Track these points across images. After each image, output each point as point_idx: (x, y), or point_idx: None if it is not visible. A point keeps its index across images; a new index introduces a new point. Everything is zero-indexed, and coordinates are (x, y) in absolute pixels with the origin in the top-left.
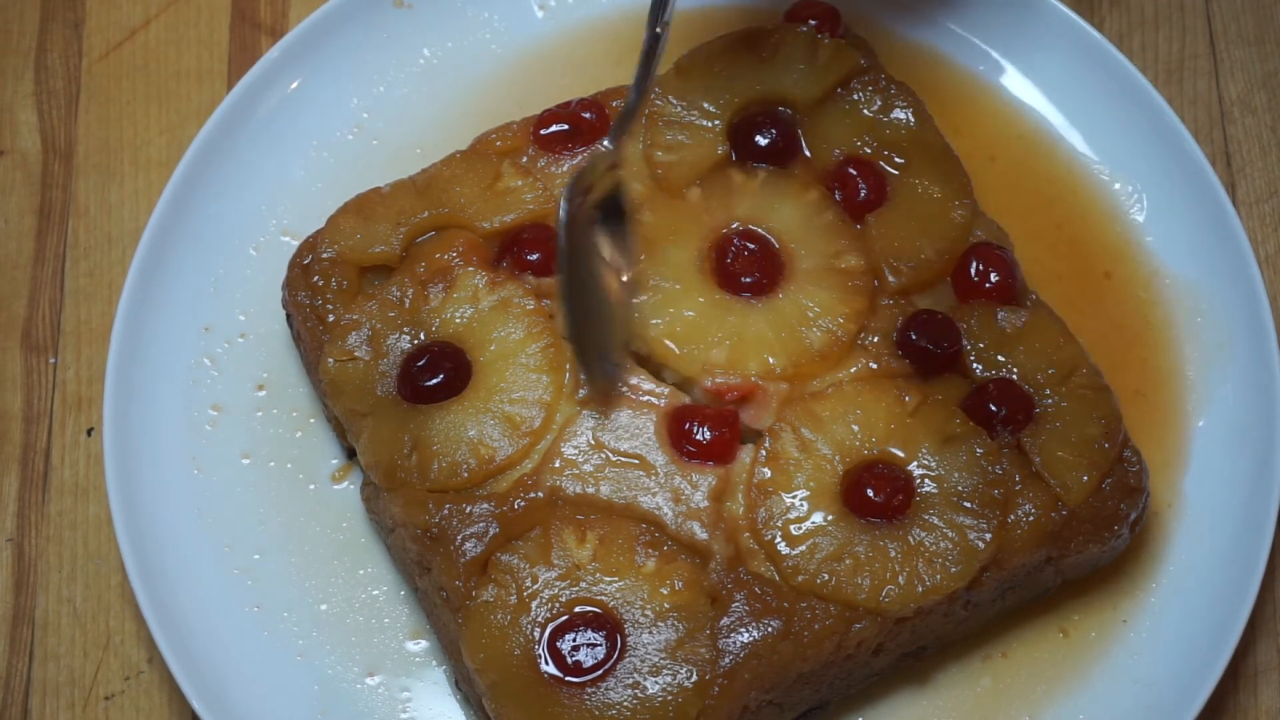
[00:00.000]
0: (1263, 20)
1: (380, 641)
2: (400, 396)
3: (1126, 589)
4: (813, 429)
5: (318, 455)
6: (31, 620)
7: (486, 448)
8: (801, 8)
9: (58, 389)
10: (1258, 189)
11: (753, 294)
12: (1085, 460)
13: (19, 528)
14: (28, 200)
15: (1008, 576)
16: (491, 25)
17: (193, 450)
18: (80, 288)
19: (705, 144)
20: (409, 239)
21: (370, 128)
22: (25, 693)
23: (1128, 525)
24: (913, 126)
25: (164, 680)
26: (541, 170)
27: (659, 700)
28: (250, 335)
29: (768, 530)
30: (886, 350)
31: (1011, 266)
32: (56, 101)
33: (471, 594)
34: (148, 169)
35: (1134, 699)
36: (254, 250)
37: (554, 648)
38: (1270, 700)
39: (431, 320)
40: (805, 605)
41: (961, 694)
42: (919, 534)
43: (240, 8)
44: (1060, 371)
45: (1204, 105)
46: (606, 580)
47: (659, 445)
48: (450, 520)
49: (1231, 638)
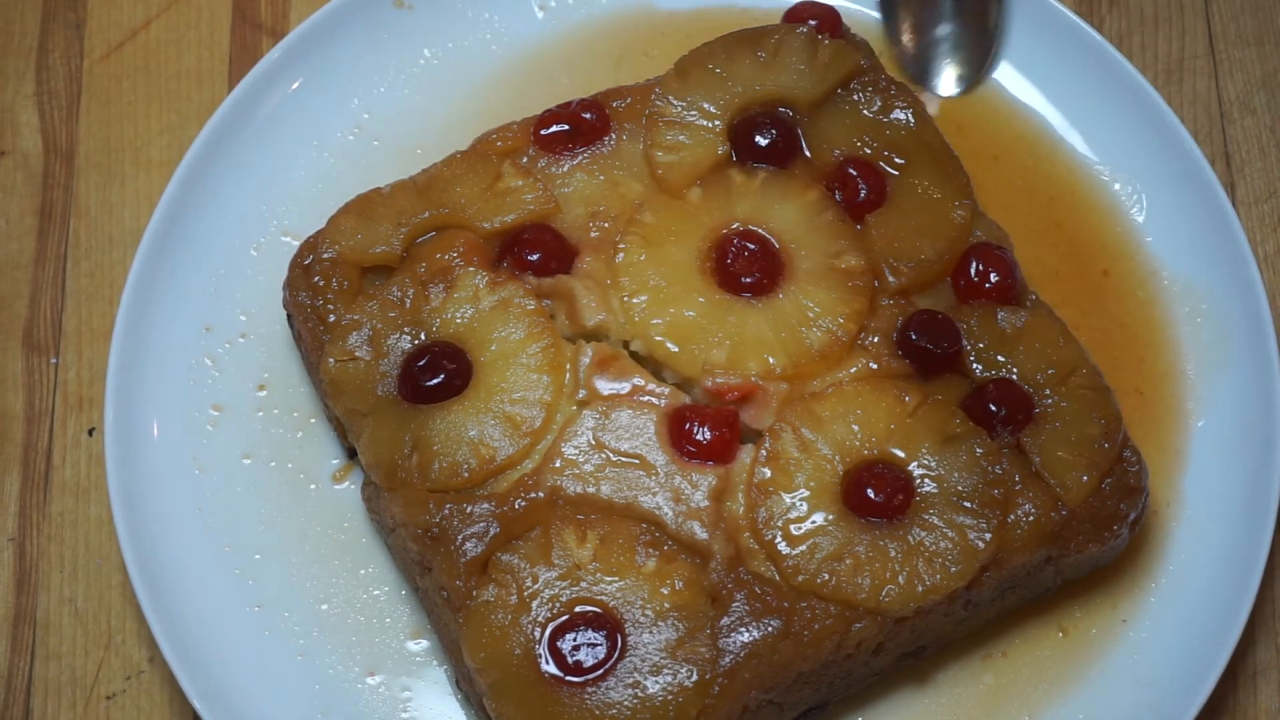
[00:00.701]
0: (1263, 20)
1: (381, 641)
2: (401, 396)
3: (1126, 589)
4: (813, 429)
5: (318, 455)
6: (33, 620)
7: (487, 448)
8: (801, 8)
9: (59, 389)
10: (1257, 189)
11: (753, 294)
12: (1085, 460)
13: (20, 527)
14: (29, 200)
15: (1008, 576)
16: (491, 25)
17: (193, 450)
18: (81, 288)
19: (705, 144)
20: (409, 239)
21: (371, 128)
22: (27, 692)
23: (1127, 525)
24: (913, 126)
25: (165, 680)
26: (542, 170)
27: (659, 700)
28: (251, 335)
29: (768, 530)
30: (886, 350)
31: (1011, 267)
32: (57, 102)
33: (472, 594)
34: (149, 169)
35: (1134, 699)
36: (254, 250)
37: (554, 647)
38: (1270, 700)
39: (432, 320)
40: (805, 605)
41: (961, 694)
42: (919, 534)
43: (241, 8)
44: (1060, 371)
45: (1204, 105)
46: (607, 580)
47: (659, 445)
48: (451, 520)
49: (1231, 638)
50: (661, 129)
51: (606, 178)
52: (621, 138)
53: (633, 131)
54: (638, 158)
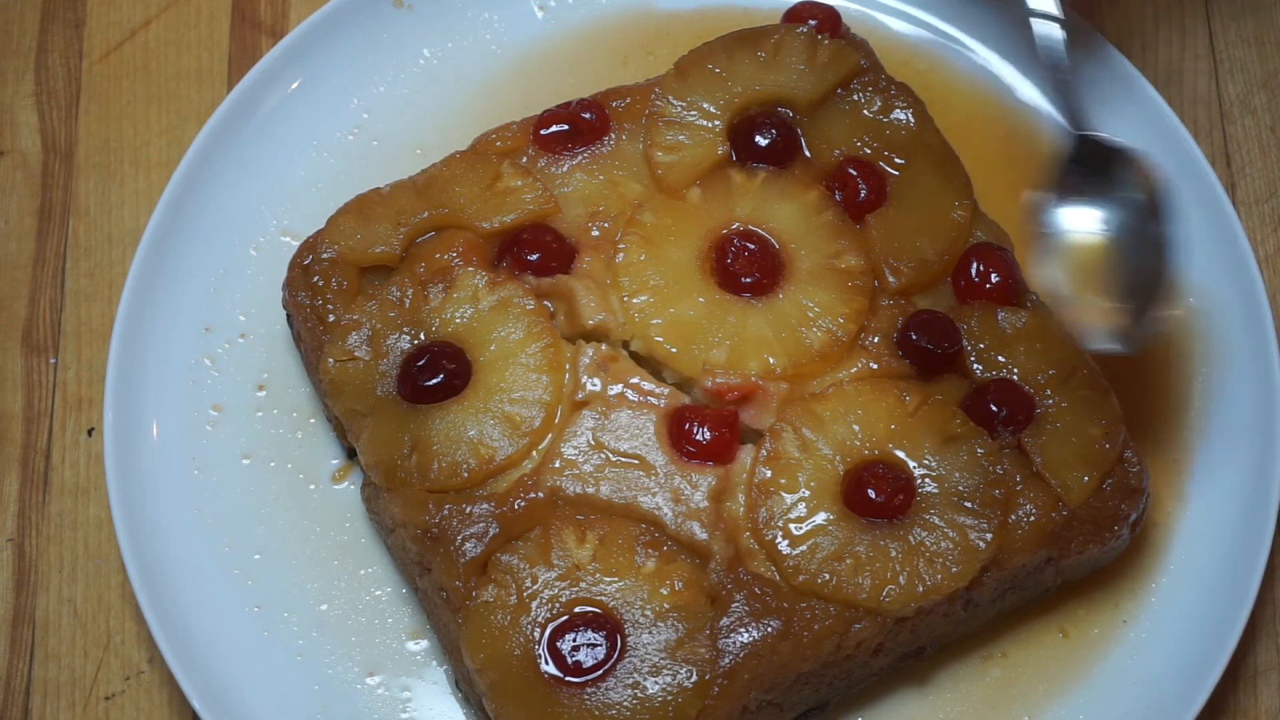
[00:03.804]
0: (1263, 21)
1: (380, 641)
2: (400, 396)
3: (1127, 589)
4: (813, 429)
5: (318, 455)
6: (32, 620)
7: (486, 448)
8: (801, 8)
9: (58, 389)
10: (1258, 189)
11: (753, 294)
12: (1086, 461)
13: (19, 528)
14: (28, 200)
15: (1008, 576)
16: (491, 25)
17: (193, 450)
18: (81, 288)
19: (705, 144)
20: (409, 239)
21: (370, 128)
22: (26, 693)
23: (1128, 526)
24: (913, 127)
25: (164, 680)
26: (541, 170)
27: (659, 700)
28: (250, 335)
29: (768, 530)
30: (887, 350)
31: (1012, 267)
32: (57, 102)
33: (471, 594)
34: (148, 169)
35: (1134, 699)
36: (254, 250)
37: (554, 648)
38: (1270, 700)
39: (431, 320)
40: (805, 605)
41: (961, 694)
42: (920, 534)
43: (240, 8)
44: (1061, 372)
45: (1204, 105)
46: (606, 580)
47: (659, 445)
48: (450, 520)
49: (1231, 638)
50: (661, 129)
51: (606, 178)
52: (621, 138)
53: (632, 131)
54: (637, 158)
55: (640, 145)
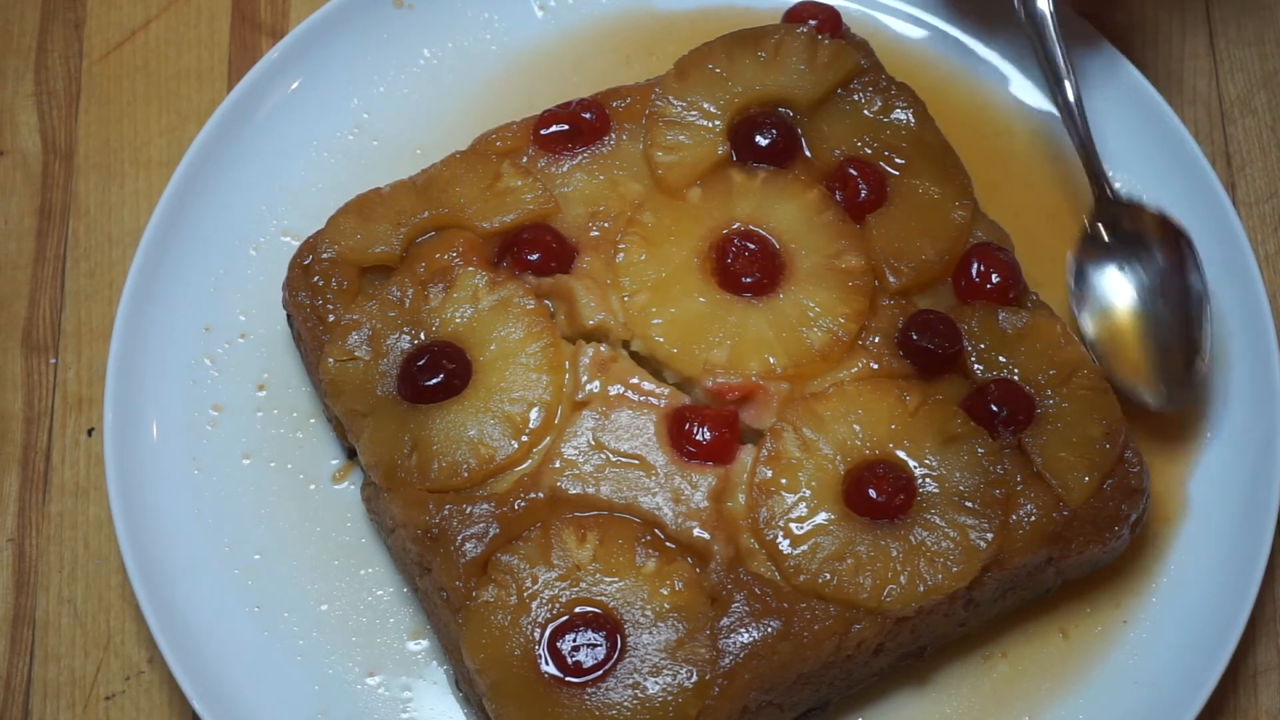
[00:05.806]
0: (1263, 20)
1: (381, 641)
2: (400, 396)
3: (1127, 589)
4: (814, 429)
5: (318, 455)
6: (32, 620)
7: (486, 448)
8: (802, 8)
9: (58, 389)
10: (1258, 189)
11: (753, 294)
12: (1086, 461)
13: (19, 528)
14: (28, 200)
15: (1009, 576)
16: (491, 25)
17: (193, 450)
18: (81, 288)
19: (705, 144)
20: (409, 239)
21: (370, 128)
22: (26, 693)
23: (1128, 526)
24: (913, 126)
25: (164, 680)
26: (541, 170)
27: (659, 700)
28: (250, 335)
29: (769, 530)
30: (887, 350)
31: (1012, 267)
32: (57, 102)
33: (471, 594)
34: (148, 169)
35: (1134, 699)
36: (254, 250)
37: (554, 648)
38: (1270, 700)
39: (431, 320)
40: (805, 605)
41: (962, 694)
42: (920, 534)
43: (240, 8)
44: (1061, 372)
45: (1204, 105)
46: (606, 580)
47: (659, 445)
48: (450, 520)
49: (1232, 638)
50: (661, 129)
51: (606, 177)
52: (621, 138)
53: (633, 131)
54: (638, 158)
55: (640, 145)
